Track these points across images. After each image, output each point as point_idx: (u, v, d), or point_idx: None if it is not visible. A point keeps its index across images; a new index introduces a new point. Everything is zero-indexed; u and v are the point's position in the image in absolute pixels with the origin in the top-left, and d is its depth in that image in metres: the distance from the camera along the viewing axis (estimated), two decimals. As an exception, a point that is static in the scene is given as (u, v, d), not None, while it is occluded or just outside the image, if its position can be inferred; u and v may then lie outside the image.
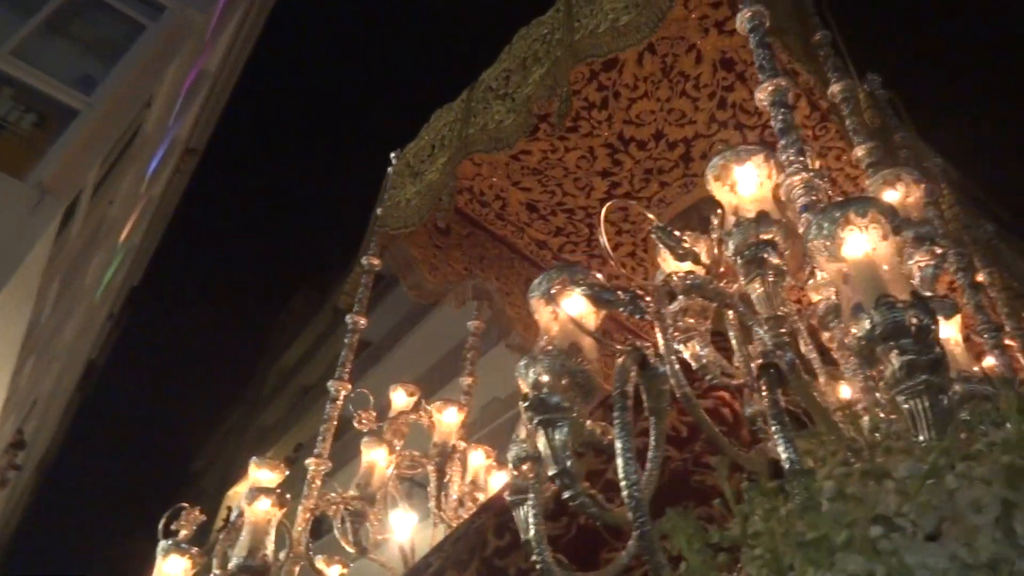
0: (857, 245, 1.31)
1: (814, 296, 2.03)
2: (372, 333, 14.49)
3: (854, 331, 1.23)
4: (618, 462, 1.18)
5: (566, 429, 1.27)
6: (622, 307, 1.30)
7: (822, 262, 1.36)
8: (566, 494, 1.29)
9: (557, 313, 1.35)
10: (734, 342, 1.78)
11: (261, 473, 2.74)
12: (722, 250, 1.76)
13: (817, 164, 2.72)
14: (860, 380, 1.50)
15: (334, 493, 3.00)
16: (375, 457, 3.13)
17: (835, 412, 1.37)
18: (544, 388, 1.30)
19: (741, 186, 1.78)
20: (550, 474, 1.29)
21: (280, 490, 2.62)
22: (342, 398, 3.36)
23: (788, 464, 1.14)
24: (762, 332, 1.50)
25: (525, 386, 1.33)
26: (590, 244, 4.74)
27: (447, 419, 3.38)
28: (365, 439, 3.17)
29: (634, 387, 1.43)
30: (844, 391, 1.80)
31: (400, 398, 3.56)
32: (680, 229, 3.23)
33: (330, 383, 3.40)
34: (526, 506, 1.47)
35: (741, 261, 1.65)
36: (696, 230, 2.12)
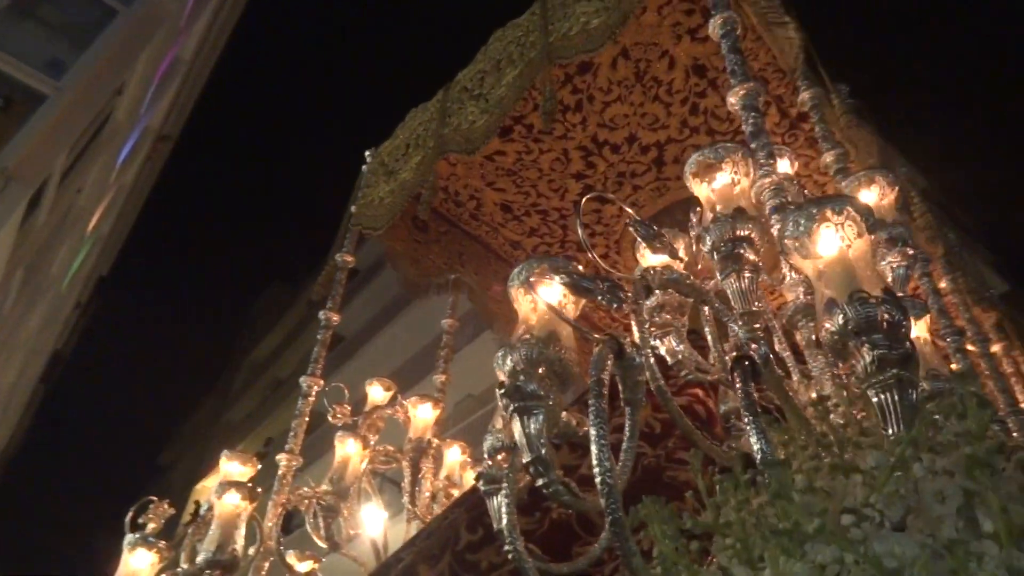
0: (832, 242, 1.34)
1: (789, 296, 2.07)
2: (346, 328, 14.37)
3: (827, 326, 1.26)
4: (592, 449, 1.20)
5: (541, 417, 1.28)
6: (600, 296, 1.32)
7: (796, 259, 1.39)
8: (540, 482, 1.30)
9: (536, 302, 1.36)
10: (710, 339, 1.81)
11: (232, 466, 2.70)
12: (700, 247, 1.79)
13: (796, 166, 2.77)
14: (828, 378, 1.54)
15: (306, 488, 2.98)
16: (349, 452, 3.11)
17: (806, 408, 1.40)
18: (520, 376, 1.31)
19: (718, 183, 1.81)
20: (524, 462, 1.29)
21: (251, 484, 2.59)
22: (314, 394, 3.34)
23: (760, 455, 1.17)
24: (736, 328, 1.53)
25: (502, 375, 1.34)
26: (564, 245, 4.77)
27: (422, 415, 3.37)
28: (339, 433, 3.15)
29: (611, 382, 1.45)
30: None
31: (376, 393, 3.55)
32: (653, 231, 3.29)
33: (302, 379, 3.38)
34: (499, 496, 1.48)
35: (718, 256, 1.68)
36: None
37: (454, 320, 4.58)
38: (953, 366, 2.91)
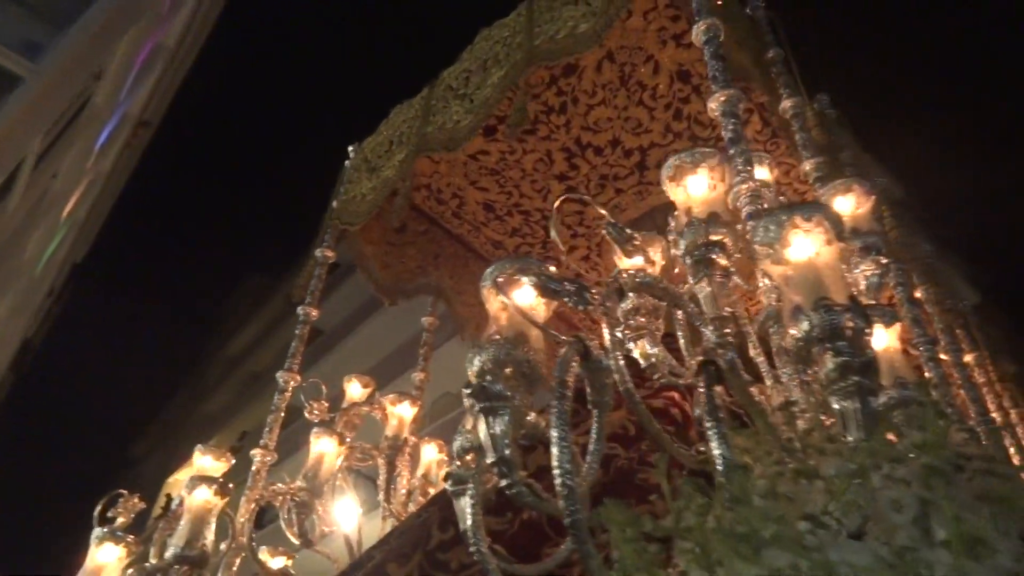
0: (801, 248, 1.36)
1: (765, 301, 2.09)
2: (325, 322, 14.26)
3: (793, 332, 1.28)
4: (552, 451, 1.20)
5: (507, 418, 1.29)
6: (568, 298, 1.32)
7: (767, 265, 1.40)
8: (503, 482, 1.31)
9: (505, 303, 1.37)
10: (682, 342, 1.83)
11: (205, 461, 2.68)
12: (676, 250, 1.80)
13: (775, 172, 2.79)
14: (796, 384, 1.56)
15: (280, 484, 2.96)
16: (324, 448, 3.10)
17: (773, 413, 1.41)
18: (487, 376, 1.32)
19: (694, 188, 1.83)
20: (488, 462, 1.30)
21: (223, 479, 2.57)
22: (291, 389, 3.32)
23: (722, 460, 1.18)
24: (708, 331, 1.54)
25: (471, 375, 1.35)
26: (545, 246, 4.79)
27: (400, 413, 3.36)
28: (315, 430, 3.13)
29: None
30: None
31: (355, 390, 3.53)
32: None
33: (279, 374, 3.36)
34: (465, 496, 1.48)
35: (690, 261, 1.69)
36: (651, 236, 2.16)
37: (434, 318, 4.58)
38: (926, 375, 2.96)
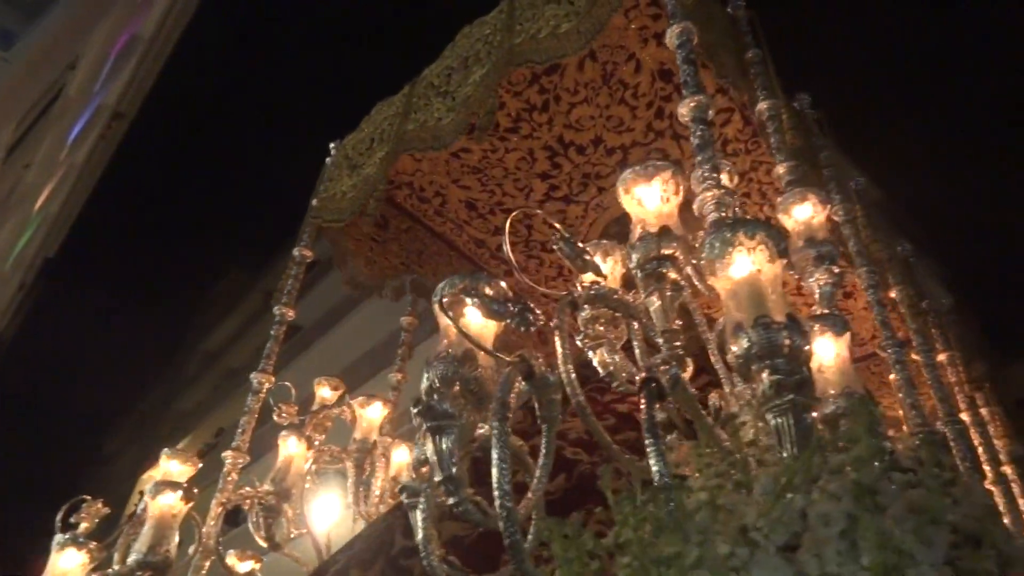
0: (744, 265, 1.36)
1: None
2: (304, 318, 14.22)
3: (734, 349, 1.28)
4: (493, 472, 1.21)
5: (453, 436, 1.29)
6: (511, 319, 1.33)
7: (714, 279, 1.41)
8: (450, 500, 1.31)
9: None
10: (637, 352, 1.83)
11: (172, 465, 2.68)
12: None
13: (735, 180, 2.79)
14: (749, 395, 1.56)
15: (249, 487, 2.95)
16: (292, 451, 3.10)
17: (718, 425, 1.42)
18: (435, 394, 1.32)
19: (648, 200, 1.83)
20: (436, 480, 1.30)
21: (188, 484, 2.56)
22: (264, 390, 3.31)
23: (658, 477, 1.19)
24: (661, 343, 1.55)
25: (422, 391, 1.35)
26: (528, 245, 4.78)
27: (370, 415, 3.36)
28: (283, 432, 3.13)
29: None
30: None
31: (325, 392, 3.52)
32: (616, 235, 3.30)
33: (253, 375, 3.35)
34: (418, 509, 1.48)
35: (641, 275, 1.70)
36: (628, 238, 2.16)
37: (413, 318, 4.57)
38: (892, 376, 2.98)
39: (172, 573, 2.42)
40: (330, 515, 3.22)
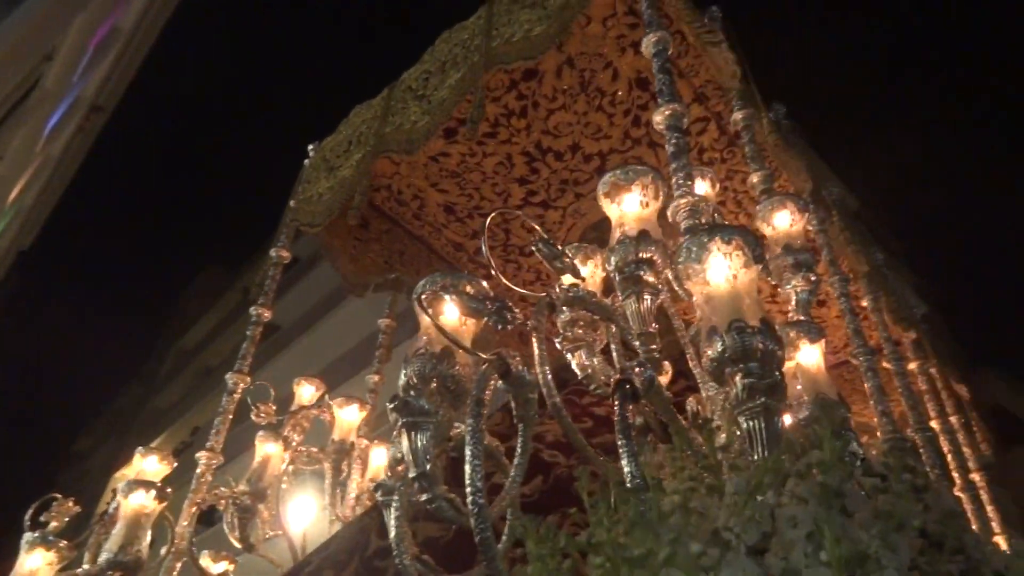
0: (720, 270, 1.39)
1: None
2: (283, 317, 14.11)
3: (708, 352, 1.31)
4: (466, 469, 1.22)
5: (429, 433, 1.30)
6: (488, 316, 1.34)
7: (690, 284, 1.43)
8: (423, 497, 1.32)
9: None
10: (615, 355, 1.85)
11: (147, 463, 2.65)
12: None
13: (716, 187, 2.83)
14: (722, 399, 1.59)
15: (223, 488, 2.93)
16: (269, 452, 3.08)
17: (692, 428, 1.44)
18: (411, 391, 1.33)
19: (627, 205, 1.85)
20: (410, 476, 1.31)
21: (161, 483, 2.53)
22: (239, 391, 3.29)
23: (629, 479, 1.20)
24: (638, 346, 1.56)
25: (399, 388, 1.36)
26: (506, 249, 4.80)
27: (347, 416, 3.35)
28: (260, 433, 3.11)
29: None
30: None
31: (305, 392, 3.50)
32: (594, 240, 3.33)
33: (228, 375, 3.32)
34: (391, 507, 1.49)
35: (619, 278, 1.72)
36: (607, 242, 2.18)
37: (391, 320, 4.56)
38: (867, 385, 3.03)
39: (143, 573, 2.39)
40: (306, 516, 3.20)
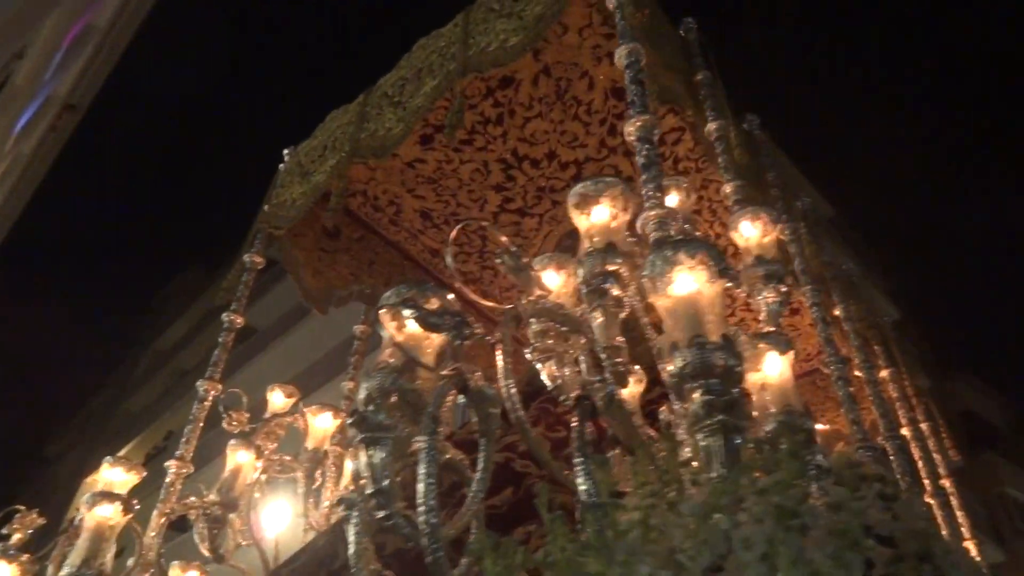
0: (684, 284, 1.40)
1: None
2: (260, 319, 13.98)
3: (669, 368, 1.31)
4: (418, 487, 1.21)
5: (387, 448, 1.29)
6: (447, 331, 1.34)
7: (654, 297, 1.44)
8: (380, 514, 1.31)
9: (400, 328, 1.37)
10: (583, 367, 1.85)
11: (114, 473, 2.60)
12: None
13: (692, 197, 2.84)
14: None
15: (194, 497, 2.89)
16: (240, 461, 3.04)
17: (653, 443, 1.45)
18: (370, 405, 1.32)
19: (596, 216, 1.86)
20: (367, 492, 1.30)
21: (128, 494, 2.49)
22: (210, 398, 3.25)
23: (585, 497, 1.20)
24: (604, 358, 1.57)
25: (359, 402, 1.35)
26: (483, 256, 4.80)
27: (321, 424, 3.32)
28: (232, 442, 3.07)
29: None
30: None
31: (278, 399, 3.47)
32: (570, 248, 3.33)
33: (199, 383, 3.28)
34: (351, 522, 1.47)
35: (586, 291, 1.72)
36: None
37: (367, 327, 4.54)
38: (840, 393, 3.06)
39: (108, 587, 2.35)
40: (280, 522, 3.17)
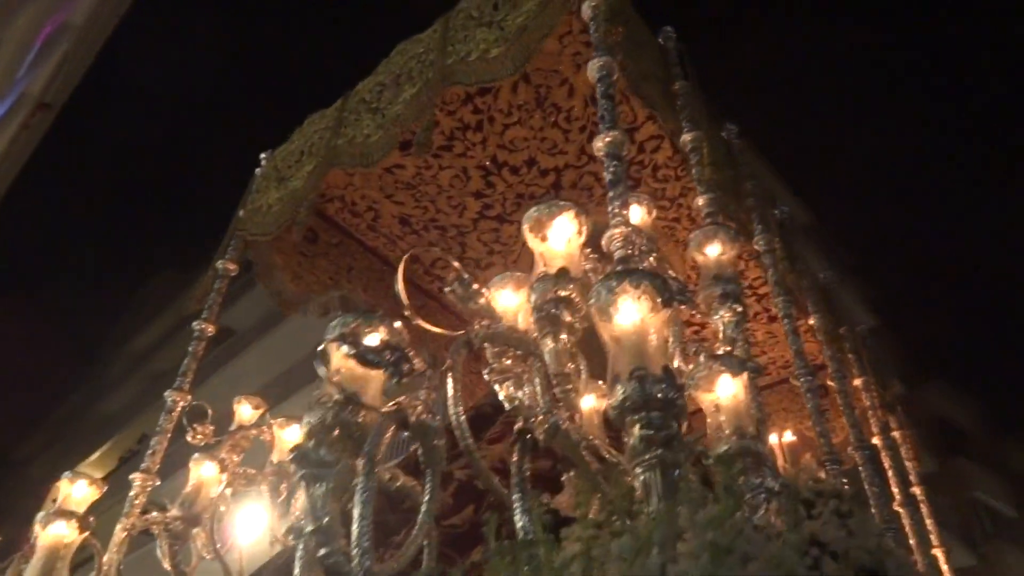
0: (628, 315, 1.39)
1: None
2: (240, 321, 13.89)
3: (610, 401, 1.31)
4: (353, 529, 1.20)
5: (328, 484, 1.28)
6: (384, 368, 1.32)
7: (600, 326, 1.43)
8: (321, 552, 1.29)
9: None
10: (538, 390, 1.84)
11: (75, 489, 2.56)
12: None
13: (653, 214, 2.85)
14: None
15: (156, 512, 2.86)
16: (205, 474, 3.01)
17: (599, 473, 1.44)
18: (312, 440, 1.31)
19: (551, 241, 1.85)
20: (308, 530, 1.28)
21: (87, 511, 2.46)
22: (179, 409, 3.22)
23: (522, 533, 1.20)
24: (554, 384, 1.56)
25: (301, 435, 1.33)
26: (462, 261, 4.77)
27: (289, 437, 3.29)
28: (195, 456, 3.04)
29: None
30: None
31: (245, 411, 3.43)
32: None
33: (168, 393, 3.25)
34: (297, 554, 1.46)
35: (536, 316, 1.71)
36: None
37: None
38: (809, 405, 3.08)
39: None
40: (249, 534, 3.14)
